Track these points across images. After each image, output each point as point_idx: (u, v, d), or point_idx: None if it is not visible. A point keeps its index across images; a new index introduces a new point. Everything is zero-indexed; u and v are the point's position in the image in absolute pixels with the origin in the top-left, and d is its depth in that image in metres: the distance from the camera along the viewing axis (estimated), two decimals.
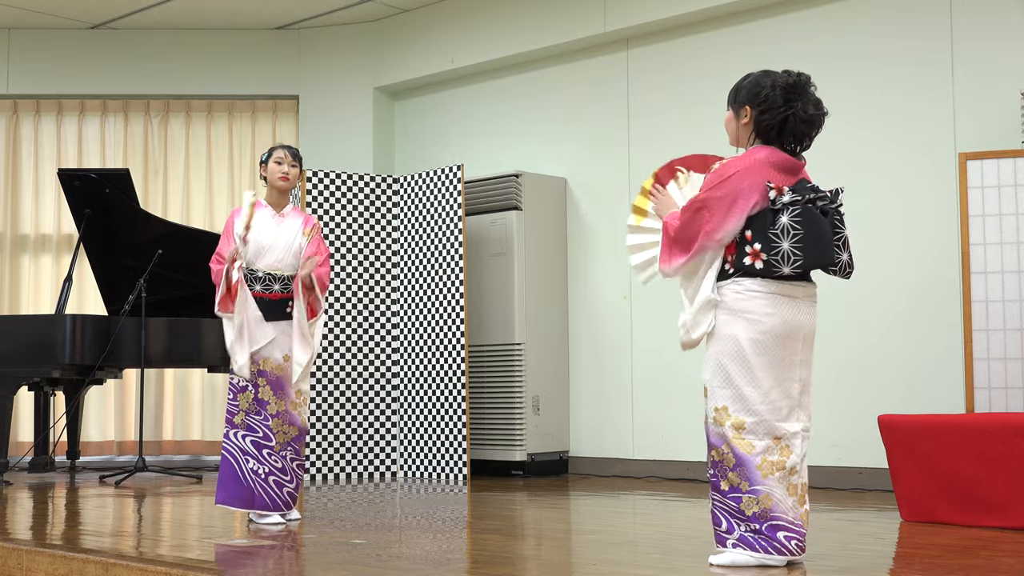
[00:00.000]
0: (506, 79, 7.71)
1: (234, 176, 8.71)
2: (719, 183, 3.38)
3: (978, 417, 4.70)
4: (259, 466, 4.62)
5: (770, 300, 3.32)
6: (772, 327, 3.31)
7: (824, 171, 6.22)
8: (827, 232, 3.31)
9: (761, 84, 3.46)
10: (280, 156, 4.72)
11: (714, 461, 3.38)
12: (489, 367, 6.99)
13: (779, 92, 3.42)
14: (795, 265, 3.29)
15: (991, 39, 5.71)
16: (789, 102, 3.41)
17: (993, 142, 5.56)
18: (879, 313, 5.96)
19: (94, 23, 8.36)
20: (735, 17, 6.61)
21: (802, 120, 3.42)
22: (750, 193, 3.35)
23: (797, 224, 3.29)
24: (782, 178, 3.38)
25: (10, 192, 8.58)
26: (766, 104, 3.42)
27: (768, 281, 3.33)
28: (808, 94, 3.45)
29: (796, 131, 3.43)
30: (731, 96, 3.56)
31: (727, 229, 3.35)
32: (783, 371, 3.33)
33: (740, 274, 3.35)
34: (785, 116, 3.41)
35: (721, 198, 3.36)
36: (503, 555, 3.78)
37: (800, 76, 3.47)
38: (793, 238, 3.28)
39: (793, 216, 3.29)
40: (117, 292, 7.28)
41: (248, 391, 4.61)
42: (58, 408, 7.65)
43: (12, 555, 3.91)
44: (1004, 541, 3.95)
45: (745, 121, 3.48)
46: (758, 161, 3.38)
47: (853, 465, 5.90)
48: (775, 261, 3.30)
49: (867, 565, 3.58)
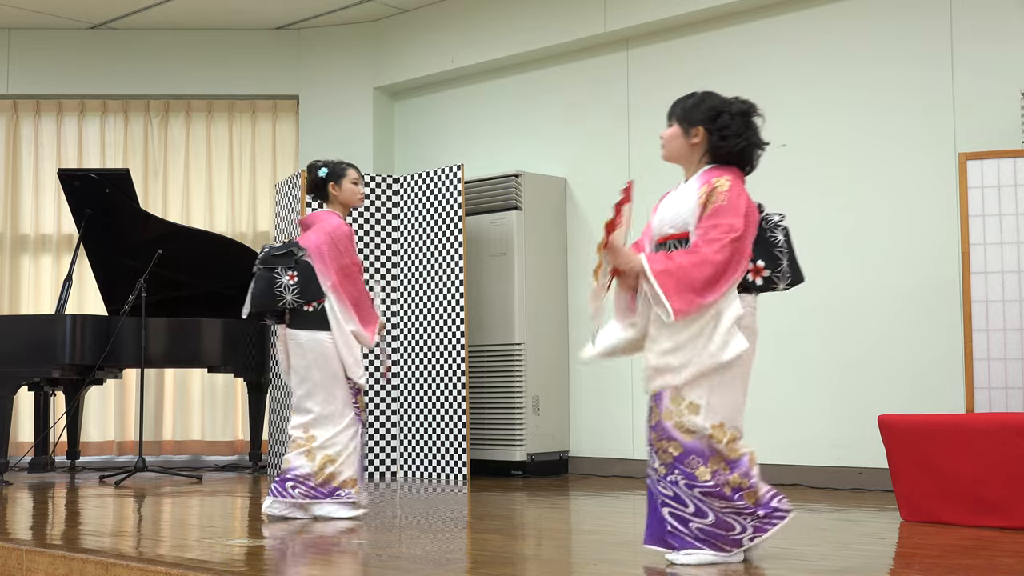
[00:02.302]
0: (506, 79, 7.70)
1: (234, 176, 8.71)
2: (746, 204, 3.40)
3: (978, 417, 4.70)
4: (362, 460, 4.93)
5: (756, 316, 3.46)
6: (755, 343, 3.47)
7: (824, 171, 6.23)
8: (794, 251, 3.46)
9: (719, 108, 3.49)
10: (356, 177, 4.90)
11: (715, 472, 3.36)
12: (489, 367, 6.99)
13: (739, 120, 3.48)
14: (788, 281, 3.42)
15: (991, 40, 5.71)
16: (748, 129, 3.49)
17: (993, 142, 5.55)
18: (879, 313, 5.96)
19: (94, 23, 8.36)
20: (735, 17, 6.61)
21: (754, 149, 3.51)
22: (755, 211, 3.44)
23: (787, 243, 3.44)
24: None
25: (10, 192, 8.58)
26: (728, 130, 3.47)
27: (755, 297, 3.45)
28: (756, 123, 3.53)
29: (750, 158, 3.52)
30: (679, 113, 3.58)
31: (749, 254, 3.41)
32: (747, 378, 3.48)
33: (741, 290, 3.40)
34: (745, 144, 3.48)
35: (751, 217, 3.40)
36: (503, 555, 3.78)
37: (752, 105, 3.53)
38: (788, 256, 3.43)
39: (786, 235, 3.44)
40: (117, 292, 7.28)
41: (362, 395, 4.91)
42: (58, 408, 7.65)
43: (12, 555, 3.91)
44: (1004, 541, 3.95)
45: (696, 141, 3.51)
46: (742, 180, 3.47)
47: (853, 465, 5.90)
48: (776, 277, 3.40)
49: (867, 565, 3.58)
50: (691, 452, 3.35)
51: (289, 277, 4.65)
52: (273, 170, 8.69)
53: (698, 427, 3.36)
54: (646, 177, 6.92)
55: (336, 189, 4.85)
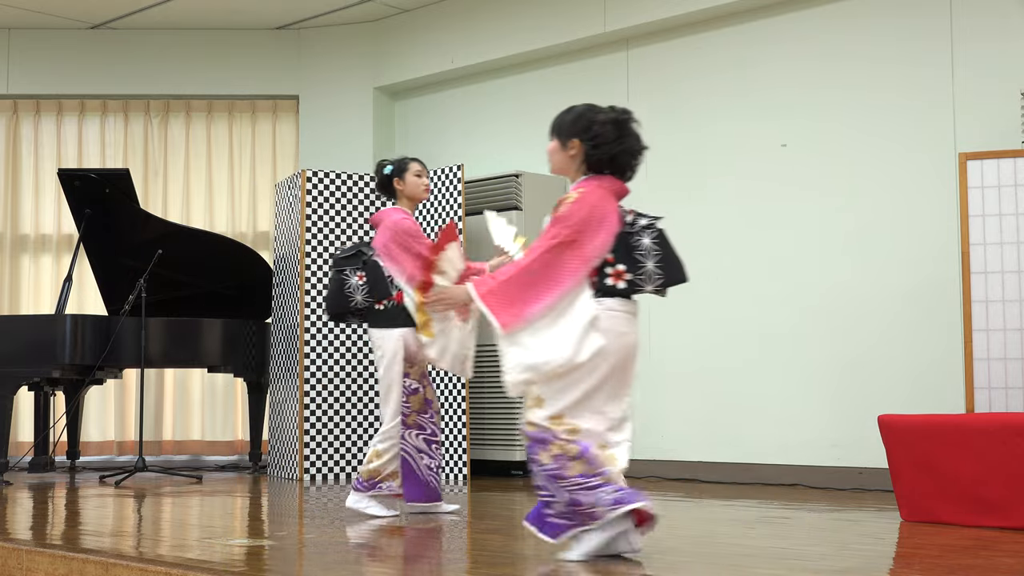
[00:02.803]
0: (506, 79, 7.71)
1: (234, 176, 8.71)
2: (585, 214, 3.51)
3: (978, 417, 4.70)
4: (431, 461, 4.83)
5: (626, 319, 3.50)
6: (627, 344, 3.49)
7: (824, 171, 6.23)
8: (676, 253, 3.55)
9: (591, 119, 3.61)
10: (419, 169, 4.93)
11: (561, 454, 3.45)
12: (489, 367, 6.98)
13: (610, 128, 3.59)
14: (657, 283, 3.52)
15: (991, 39, 5.71)
16: (620, 137, 3.59)
17: (993, 142, 5.56)
18: (879, 313, 5.96)
19: (94, 23, 8.36)
20: (735, 17, 6.61)
21: (629, 156, 3.61)
22: (613, 217, 3.53)
23: (658, 246, 3.53)
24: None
25: (10, 192, 8.58)
26: (599, 139, 3.58)
27: (625, 301, 3.51)
28: (632, 129, 3.63)
29: (624, 165, 3.62)
30: (556, 128, 3.69)
31: (601, 252, 3.50)
32: (620, 385, 3.51)
33: (601, 294, 3.49)
34: (617, 151, 3.59)
35: (591, 226, 3.50)
36: (503, 555, 3.77)
37: (625, 112, 3.64)
38: (655, 258, 3.51)
39: (654, 238, 3.54)
40: (117, 292, 7.29)
41: (419, 392, 4.81)
42: (58, 408, 7.65)
43: (12, 555, 3.91)
44: (1004, 541, 3.95)
45: (573, 153, 3.63)
46: (608, 189, 3.58)
47: (853, 465, 5.90)
48: (640, 280, 3.50)
49: (867, 565, 3.58)
50: (535, 441, 3.49)
51: (358, 278, 4.83)
52: (273, 170, 8.69)
53: (538, 419, 3.49)
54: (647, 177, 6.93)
55: (400, 184, 4.91)
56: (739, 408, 6.41)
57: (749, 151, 6.50)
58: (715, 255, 6.56)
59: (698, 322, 6.60)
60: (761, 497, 5.57)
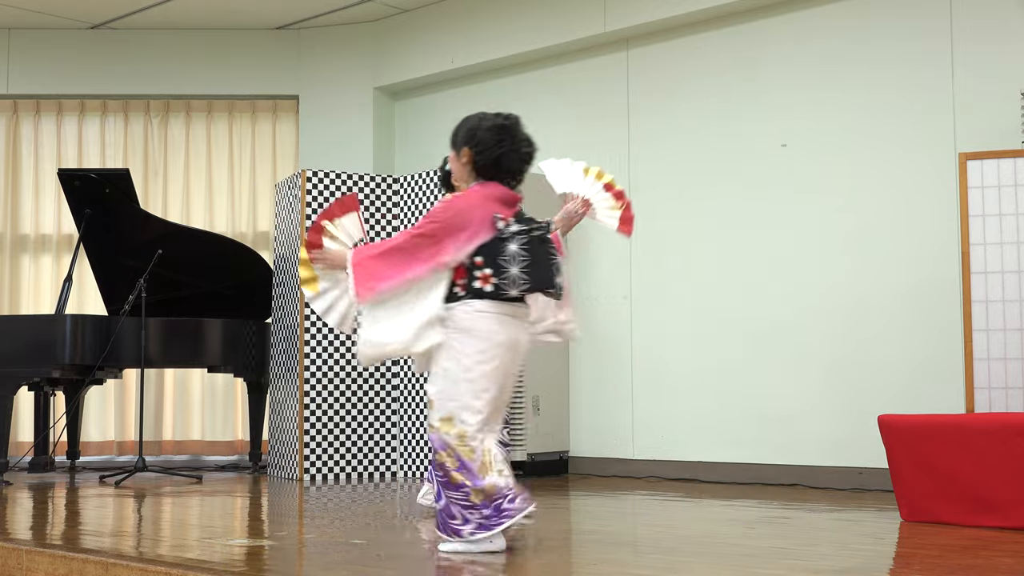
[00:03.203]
0: (506, 79, 7.70)
1: (234, 176, 8.71)
2: (450, 215, 3.71)
3: (978, 417, 4.70)
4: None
5: (497, 319, 3.68)
6: (499, 343, 3.67)
7: (824, 171, 6.23)
8: (548, 259, 3.71)
9: (475, 127, 3.82)
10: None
11: (439, 464, 3.70)
12: None
13: (491, 133, 3.78)
14: (523, 288, 3.68)
15: (991, 40, 5.71)
16: (500, 142, 3.77)
17: (993, 142, 5.56)
18: (879, 313, 5.96)
19: (94, 23, 8.36)
20: (735, 17, 6.61)
21: (513, 158, 3.79)
22: (480, 225, 3.70)
23: (525, 252, 3.68)
24: (504, 210, 3.77)
25: (10, 192, 8.58)
26: (481, 145, 3.78)
27: (495, 303, 3.68)
28: (518, 133, 3.81)
29: (510, 168, 3.80)
30: (451, 138, 3.88)
31: (457, 256, 3.70)
32: (504, 382, 3.73)
33: (471, 296, 3.69)
34: (498, 154, 3.77)
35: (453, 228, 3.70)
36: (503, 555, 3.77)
37: (509, 117, 3.83)
38: (521, 264, 3.67)
39: (521, 244, 3.69)
40: (117, 292, 7.28)
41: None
42: (58, 408, 7.64)
43: (12, 555, 3.91)
44: (1004, 541, 3.95)
45: (464, 161, 3.83)
46: (483, 196, 3.75)
47: (853, 465, 5.90)
48: (504, 284, 3.67)
49: (867, 565, 3.58)
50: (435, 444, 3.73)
51: None
52: (273, 170, 8.69)
53: (433, 423, 3.73)
54: (646, 177, 6.94)
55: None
56: (739, 408, 6.41)
57: (749, 151, 6.50)
58: (715, 255, 6.56)
59: (698, 322, 6.59)
60: (761, 497, 5.57)
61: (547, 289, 3.73)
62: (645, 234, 6.58)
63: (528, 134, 3.83)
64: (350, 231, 4.05)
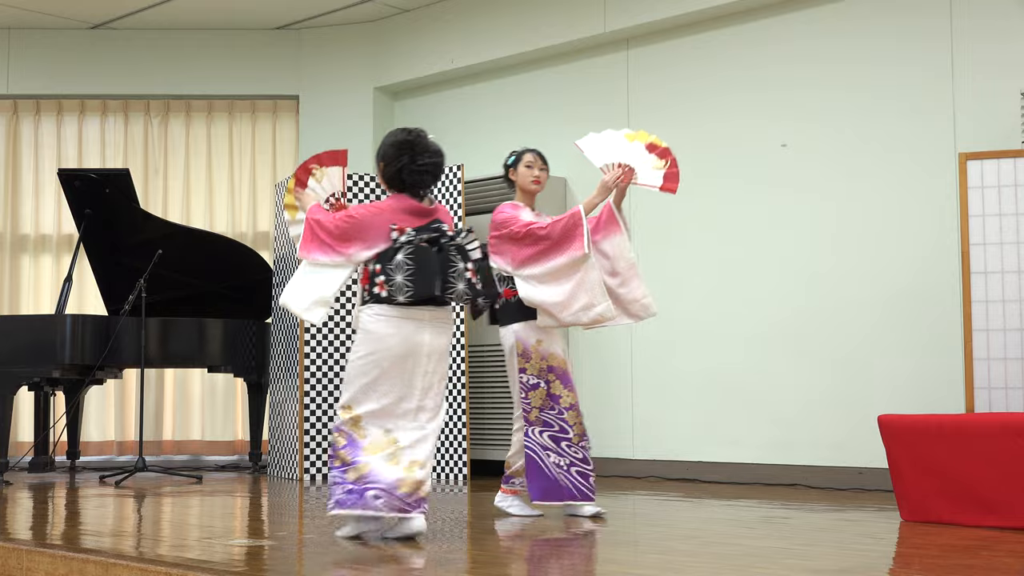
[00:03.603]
0: (506, 79, 7.71)
1: (234, 176, 8.71)
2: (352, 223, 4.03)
3: (978, 417, 4.70)
4: (560, 459, 4.71)
5: (393, 323, 3.96)
6: (389, 345, 3.96)
7: (824, 171, 6.23)
8: (434, 267, 3.95)
9: (384, 142, 4.13)
10: (530, 160, 4.84)
11: (332, 442, 4.02)
12: (489, 367, 6.98)
13: (393, 148, 4.08)
14: (407, 295, 3.94)
15: (991, 39, 5.71)
16: (399, 156, 4.05)
17: (993, 142, 5.56)
18: (879, 313, 5.96)
19: (94, 23, 8.36)
20: (735, 17, 6.61)
21: (413, 171, 4.05)
22: (376, 235, 4.00)
23: (410, 261, 3.94)
24: (410, 220, 4.02)
25: (10, 192, 8.58)
26: (385, 159, 4.10)
27: (391, 307, 3.97)
28: (419, 148, 4.07)
29: (411, 181, 4.07)
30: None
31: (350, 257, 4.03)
32: (401, 380, 3.98)
33: (372, 300, 4.00)
34: (398, 168, 4.05)
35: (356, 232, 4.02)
36: (503, 555, 3.77)
37: (412, 132, 4.12)
38: (406, 273, 3.93)
39: (407, 254, 3.94)
40: (117, 292, 7.28)
41: (540, 387, 4.72)
42: (58, 408, 7.65)
43: (12, 555, 3.91)
44: (1004, 541, 3.95)
45: (378, 173, 4.14)
46: (385, 208, 4.05)
47: (853, 465, 5.90)
48: (392, 291, 3.95)
49: (867, 565, 3.58)
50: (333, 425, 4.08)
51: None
52: (273, 170, 8.69)
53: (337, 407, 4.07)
54: None
55: (514, 175, 4.86)
56: (739, 408, 6.41)
57: (749, 151, 6.50)
58: (716, 255, 6.56)
59: (698, 322, 6.59)
60: (761, 497, 5.57)
61: (428, 297, 3.95)
62: (645, 234, 6.59)
63: (434, 147, 4.08)
64: (333, 182, 4.40)
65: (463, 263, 3.99)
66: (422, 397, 4.02)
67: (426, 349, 4.01)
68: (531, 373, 4.72)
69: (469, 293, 4.01)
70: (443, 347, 4.06)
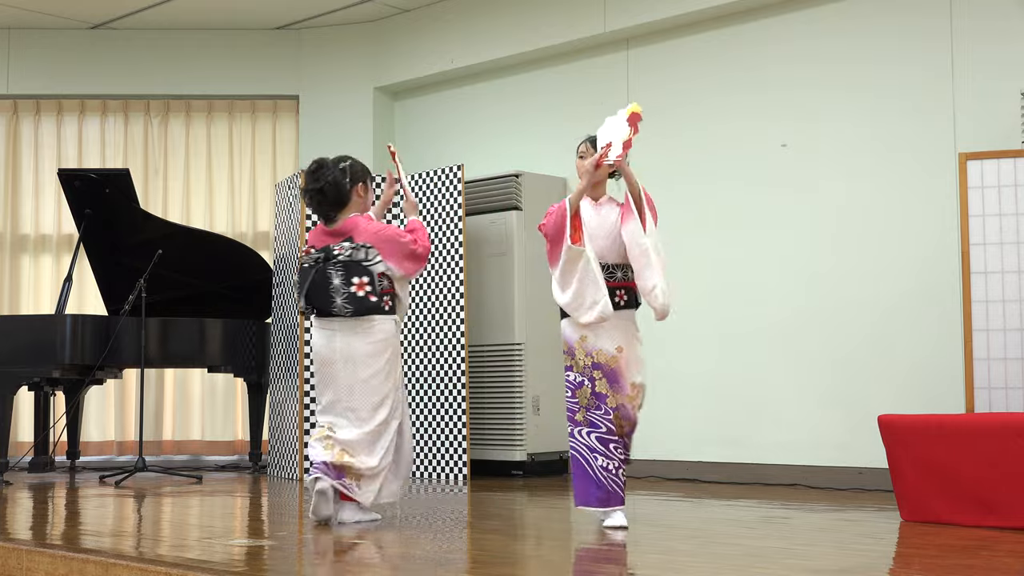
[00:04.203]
0: (506, 79, 7.70)
1: (234, 176, 8.71)
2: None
3: (978, 417, 4.70)
4: (608, 461, 4.38)
5: (317, 333, 4.59)
6: (318, 352, 4.60)
7: (824, 171, 6.23)
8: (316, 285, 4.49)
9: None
10: (583, 150, 4.61)
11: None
12: (489, 367, 6.99)
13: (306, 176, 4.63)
14: (299, 308, 4.63)
15: (991, 40, 5.71)
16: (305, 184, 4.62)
17: (993, 142, 5.56)
18: (879, 313, 5.96)
19: (94, 23, 8.36)
20: (735, 17, 6.61)
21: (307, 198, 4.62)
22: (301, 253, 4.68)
23: (300, 280, 4.58)
24: (322, 241, 4.59)
25: (10, 192, 8.58)
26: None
27: (316, 319, 4.59)
28: (307, 178, 4.58)
29: (311, 206, 4.64)
30: None
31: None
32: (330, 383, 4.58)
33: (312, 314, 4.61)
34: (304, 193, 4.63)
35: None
36: (503, 555, 3.78)
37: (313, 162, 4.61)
38: (299, 289, 4.58)
39: (300, 273, 4.59)
40: (117, 292, 7.28)
41: (585, 386, 4.43)
42: (58, 408, 7.65)
43: (12, 555, 3.91)
44: (1004, 541, 3.95)
45: None
46: (312, 232, 4.68)
47: (853, 465, 5.90)
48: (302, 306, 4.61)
49: (867, 565, 3.58)
50: None
51: None
52: (273, 170, 8.69)
53: None
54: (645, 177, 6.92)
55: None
56: (739, 408, 6.41)
57: (749, 151, 6.50)
58: (715, 255, 6.56)
59: (698, 321, 6.59)
60: (761, 497, 5.57)
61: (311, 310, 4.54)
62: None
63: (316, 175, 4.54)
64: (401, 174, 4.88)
65: (343, 279, 4.46)
66: (348, 398, 4.54)
67: (339, 355, 4.53)
68: (576, 371, 4.47)
69: (349, 307, 4.46)
70: (359, 353, 4.51)
